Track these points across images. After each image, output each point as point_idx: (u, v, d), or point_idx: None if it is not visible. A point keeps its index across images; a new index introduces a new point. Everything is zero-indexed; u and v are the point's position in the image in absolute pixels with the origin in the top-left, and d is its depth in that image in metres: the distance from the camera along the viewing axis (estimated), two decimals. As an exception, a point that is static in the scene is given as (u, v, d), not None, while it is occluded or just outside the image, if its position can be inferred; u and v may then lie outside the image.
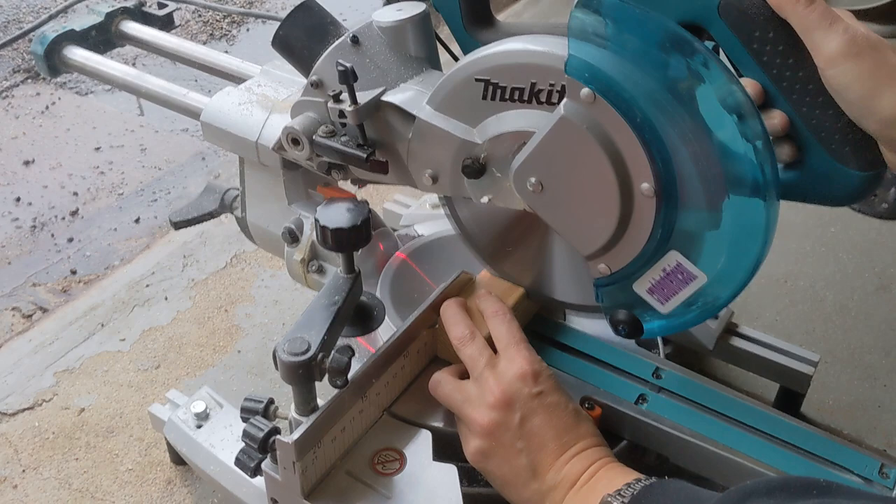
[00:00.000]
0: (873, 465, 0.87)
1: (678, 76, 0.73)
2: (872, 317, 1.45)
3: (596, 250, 0.84)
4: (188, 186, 1.91)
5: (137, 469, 1.24)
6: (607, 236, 0.82)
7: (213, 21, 2.64)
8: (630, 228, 0.81)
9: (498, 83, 0.82)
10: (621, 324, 0.88)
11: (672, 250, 0.81)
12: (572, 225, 0.84)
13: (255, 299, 1.53)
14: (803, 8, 0.73)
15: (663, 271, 0.82)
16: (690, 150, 0.75)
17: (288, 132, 0.95)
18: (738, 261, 0.79)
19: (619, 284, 0.86)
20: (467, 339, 0.89)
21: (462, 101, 0.86)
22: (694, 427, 0.90)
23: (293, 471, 0.81)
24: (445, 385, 0.89)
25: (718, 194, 0.76)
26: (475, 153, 0.87)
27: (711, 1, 0.77)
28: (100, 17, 1.36)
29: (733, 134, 0.72)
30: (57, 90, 2.28)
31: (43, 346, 1.46)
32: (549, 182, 0.82)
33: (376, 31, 0.93)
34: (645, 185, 0.77)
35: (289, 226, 1.14)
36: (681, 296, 0.83)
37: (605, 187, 0.78)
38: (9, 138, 2.10)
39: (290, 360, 0.80)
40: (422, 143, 0.90)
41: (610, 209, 0.80)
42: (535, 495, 0.81)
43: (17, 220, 1.82)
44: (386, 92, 0.90)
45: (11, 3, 2.68)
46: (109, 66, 1.30)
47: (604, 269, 0.85)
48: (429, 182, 0.93)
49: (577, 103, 0.76)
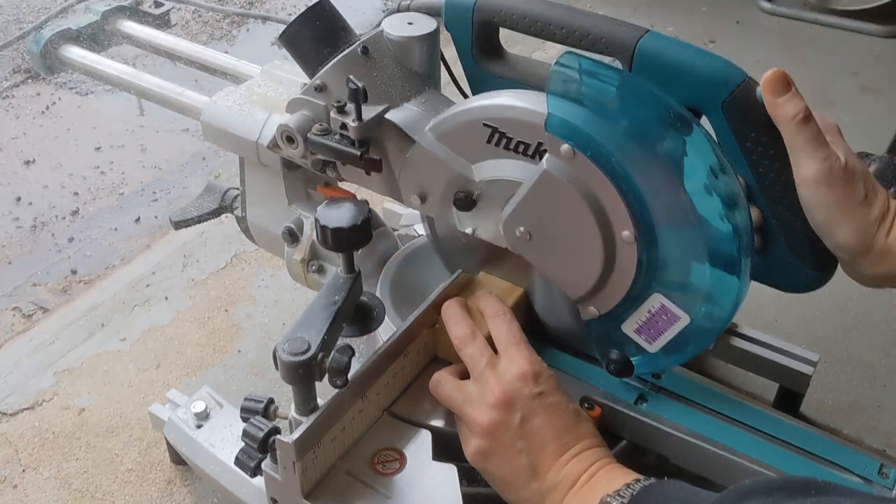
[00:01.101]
0: (873, 465, 0.87)
1: (667, 145, 0.77)
2: (872, 317, 1.45)
3: (584, 294, 0.88)
4: (188, 186, 1.91)
5: (137, 469, 1.24)
6: (593, 281, 0.86)
7: (213, 21, 2.64)
8: (614, 273, 0.85)
9: (506, 133, 0.85)
10: (613, 363, 0.91)
11: (655, 293, 0.85)
12: (560, 270, 0.89)
13: (256, 299, 1.54)
14: (796, 126, 0.78)
15: (649, 312, 0.86)
16: (669, 207, 0.79)
17: (283, 130, 0.96)
18: (712, 312, 0.84)
19: (609, 325, 0.90)
20: (468, 338, 0.89)
21: (466, 139, 0.88)
22: (693, 427, 0.90)
23: (293, 470, 0.82)
24: (446, 385, 0.89)
25: (696, 254, 0.81)
26: (469, 189, 0.90)
27: (718, 94, 0.82)
28: (96, 15, 1.36)
29: (718, 213, 0.77)
30: (57, 90, 2.28)
31: (43, 345, 1.46)
32: (537, 231, 0.87)
33: (386, 43, 0.94)
34: (625, 233, 0.81)
35: (289, 225, 1.14)
36: (666, 335, 0.87)
37: (589, 235, 0.83)
38: (9, 138, 2.10)
39: (290, 359, 0.80)
40: (417, 165, 0.92)
41: (594, 256, 0.84)
42: (534, 495, 0.81)
43: (18, 220, 1.82)
44: (389, 109, 0.91)
45: (12, 3, 2.68)
46: (106, 64, 1.30)
47: (593, 311, 0.89)
48: (416, 202, 0.95)
49: (558, 158, 0.81)
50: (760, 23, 2.43)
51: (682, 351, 0.88)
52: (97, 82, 2.19)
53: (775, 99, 0.79)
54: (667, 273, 0.84)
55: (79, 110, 2.21)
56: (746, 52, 2.15)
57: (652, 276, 0.84)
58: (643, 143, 0.78)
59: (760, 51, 2.26)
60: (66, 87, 2.29)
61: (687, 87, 0.83)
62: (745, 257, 0.79)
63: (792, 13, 2.40)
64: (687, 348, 0.88)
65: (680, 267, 0.83)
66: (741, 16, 2.45)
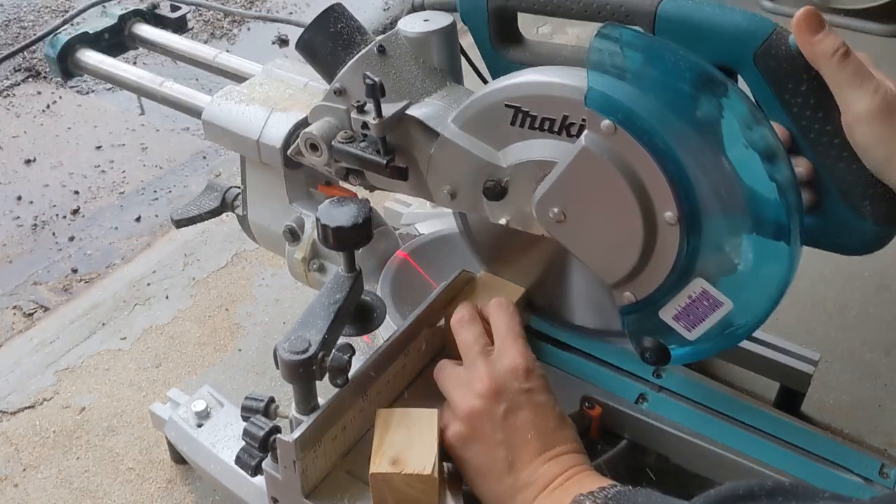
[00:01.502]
0: (873, 464, 0.87)
1: (705, 112, 0.74)
2: (873, 316, 1.45)
3: (620, 279, 0.84)
4: (189, 185, 1.91)
5: (138, 468, 1.24)
6: (631, 265, 0.82)
7: (214, 20, 2.64)
8: (654, 257, 0.81)
9: (529, 111, 0.82)
10: (648, 350, 0.87)
11: (698, 277, 0.81)
12: (596, 254, 0.84)
13: (256, 298, 1.53)
14: (837, 63, 0.74)
15: (689, 298, 0.82)
16: (713, 181, 0.75)
17: (307, 137, 0.94)
18: (760, 292, 0.79)
19: (645, 312, 0.85)
20: (465, 322, 0.89)
21: (489, 124, 0.86)
22: (694, 426, 0.90)
23: (294, 470, 0.82)
24: (443, 368, 0.89)
25: (742, 228, 0.76)
26: (498, 176, 0.87)
27: (747, 48, 0.78)
28: (113, 19, 1.36)
29: (761, 175, 0.73)
30: (58, 89, 2.28)
31: (44, 344, 1.46)
32: (572, 212, 0.82)
33: (403, 41, 0.93)
34: (668, 214, 0.77)
35: (290, 224, 1.14)
36: (707, 322, 0.83)
37: (628, 216, 0.78)
38: (10, 137, 2.10)
39: (291, 358, 0.80)
40: (444, 159, 0.90)
41: (633, 238, 0.80)
42: (506, 490, 0.80)
43: (19, 219, 1.82)
44: (410, 105, 0.90)
45: (12, 3, 2.68)
46: (123, 69, 1.30)
47: (629, 296, 0.85)
48: (447, 198, 0.92)
49: (597, 134, 0.76)
50: (761, 22, 2.43)
51: (724, 337, 0.84)
52: (97, 81, 2.19)
53: (811, 37, 0.75)
54: (710, 256, 0.79)
55: (79, 109, 2.21)
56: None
57: (694, 260, 0.80)
58: (685, 115, 0.74)
59: (761, 50, 2.25)
60: (66, 85, 2.29)
61: (715, 45, 0.79)
62: (793, 218, 0.74)
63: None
64: (730, 334, 0.83)
65: (724, 248, 0.78)
66: (742, 15, 2.45)
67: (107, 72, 1.32)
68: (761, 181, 0.73)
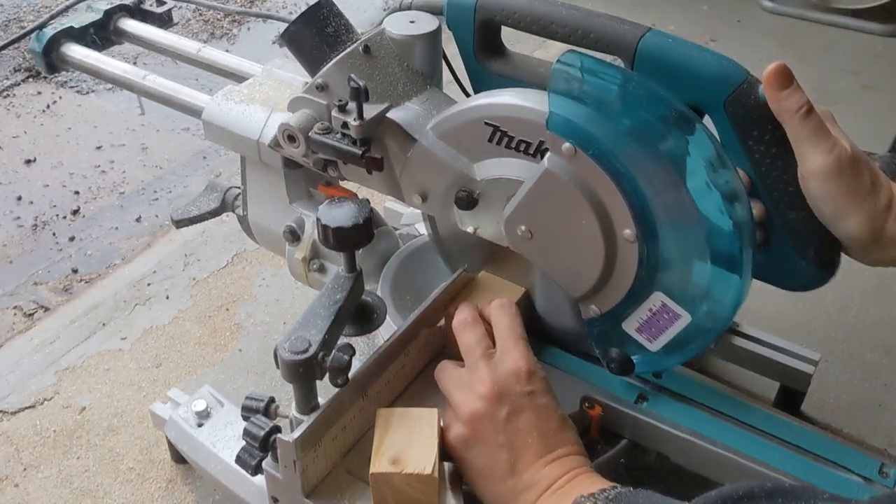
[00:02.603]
0: (873, 464, 0.87)
1: (670, 145, 0.77)
2: (873, 315, 1.45)
3: (585, 293, 0.88)
4: (189, 185, 1.91)
5: (138, 468, 1.24)
6: (594, 280, 0.86)
7: (214, 20, 2.64)
8: (616, 272, 0.85)
9: (507, 132, 0.85)
10: (613, 361, 0.91)
11: (657, 291, 0.85)
12: (561, 269, 0.88)
13: (257, 298, 1.54)
14: (799, 119, 0.79)
15: (650, 311, 0.86)
16: (670, 207, 0.79)
17: (284, 129, 0.96)
18: (715, 309, 0.83)
19: (610, 324, 0.89)
20: (467, 324, 0.89)
21: (467, 138, 0.88)
22: (694, 426, 0.90)
23: (294, 469, 0.82)
24: (444, 369, 0.89)
25: (697, 253, 0.80)
26: (471, 187, 0.90)
27: (719, 93, 0.82)
28: (98, 14, 1.36)
29: (719, 210, 0.77)
30: (58, 89, 2.28)
31: (44, 344, 1.46)
32: (538, 230, 0.87)
33: (388, 42, 0.94)
34: (627, 232, 0.81)
35: (290, 224, 1.15)
36: (668, 334, 0.87)
37: (590, 234, 0.83)
38: (10, 137, 2.10)
39: (291, 358, 0.80)
40: (419, 164, 0.92)
41: (595, 255, 0.84)
42: (508, 493, 0.80)
43: (19, 219, 1.82)
44: (391, 108, 0.91)
45: (12, 2, 2.68)
46: (108, 63, 1.30)
47: (594, 310, 0.89)
48: (417, 200, 0.95)
49: (559, 157, 0.80)
50: (762, 21, 2.43)
51: (684, 350, 0.88)
52: (98, 81, 2.19)
53: (778, 93, 0.79)
54: (668, 272, 0.83)
55: (79, 109, 2.21)
56: (748, 50, 2.15)
57: (653, 275, 0.84)
58: (645, 142, 0.78)
59: (762, 50, 2.25)
60: (66, 85, 2.29)
61: (689, 85, 0.82)
62: (746, 254, 0.79)
63: (793, 12, 2.39)
64: (688, 347, 0.87)
65: (681, 265, 0.82)
66: (742, 14, 2.45)
67: (91, 66, 1.32)
68: (719, 216, 0.77)
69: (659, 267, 0.83)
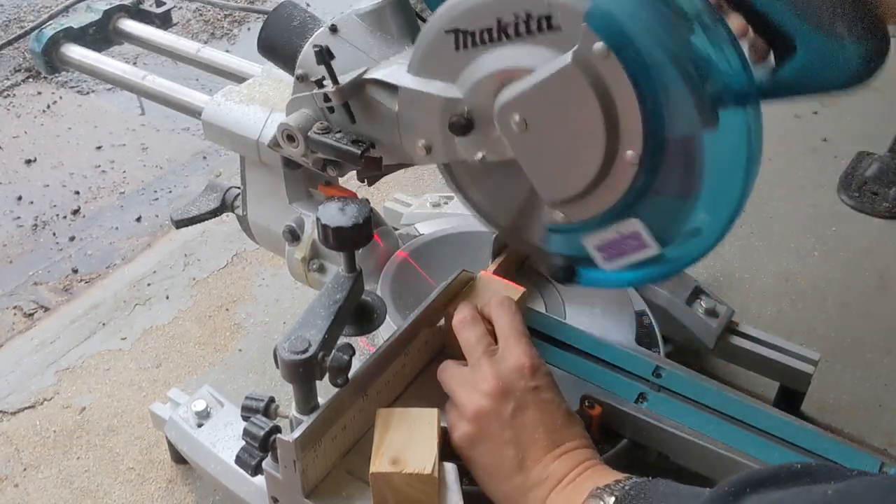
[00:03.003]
0: (873, 464, 0.87)
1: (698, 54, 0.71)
2: (873, 315, 1.45)
3: (558, 201, 0.83)
4: (189, 185, 1.91)
5: (138, 468, 1.24)
6: (576, 191, 0.81)
7: (214, 20, 2.64)
8: (601, 189, 0.79)
9: (466, 30, 0.80)
10: (558, 269, 0.88)
11: (635, 219, 0.80)
12: (544, 171, 0.82)
13: (257, 298, 1.54)
14: None
15: (618, 233, 0.82)
16: (682, 138, 0.74)
17: (283, 128, 0.96)
18: (689, 252, 0.80)
19: (571, 234, 0.85)
20: (468, 322, 0.89)
21: (437, 58, 0.84)
22: (694, 426, 0.90)
23: (294, 469, 0.82)
24: (447, 368, 0.89)
25: (691, 196, 0.76)
26: (460, 109, 0.85)
27: None
28: (97, 14, 1.36)
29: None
30: (58, 89, 2.28)
31: (44, 344, 1.46)
32: (535, 124, 0.80)
33: (356, 20, 0.94)
34: (630, 153, 0.75)
35: (290, 224, 1.15)
36: (627, 259, 0.83)
37: (591, 145, 0.76)
38: (10, 137, 2.10)
39: (291, 358, 0.80)
40: (408, 111, 0.90)
41: (588, 167, 0.78)
42: (516, 490, 0.80)
43: (19, 219, 1.82)
44: (368, 70, 0.90)
45: (12, 3, 2.68)
46: (107, 63, 1.30)
47: (560, 217, 0.84)
48: (423, 153, 0.91)
49: (587, 55, 0.72)
50: (761, 22, 2.43)
51: (636, 274, 0.84)
52: (98, 81, 2.19)
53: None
54: (654, 204, 0.78)
55: (80, 109, 2.21)
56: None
57: (637, 202, 0.79)
58: (683, 64, 0.70)
59: (761, 50, 2.25)
60: (66, 85, 2.29)
61: None
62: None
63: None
64: (643, 273, 0.84)
65: (671, 203, 0.78)
66: (742, 15, 2.45)
67: (90, 66, 1.32)
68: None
69: (647, 196, 0.78)
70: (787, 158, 1.84)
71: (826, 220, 1.67)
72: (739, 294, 1.49)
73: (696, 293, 1.22)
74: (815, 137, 1.91)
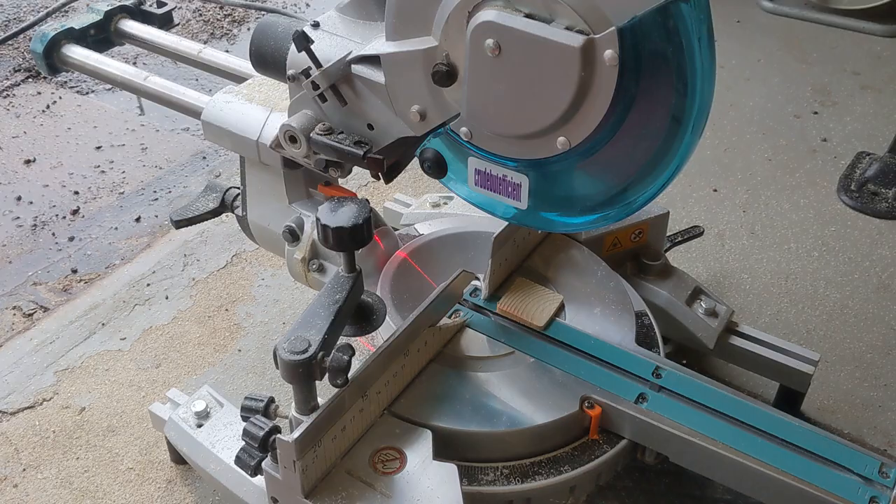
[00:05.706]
0: (873, 464, 0.87)
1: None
2: (873, 316, 1.45)
3: (509, 133, 0.87)
4: (189, 185, 1.91)
5: (138, 468, 1.24)
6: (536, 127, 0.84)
7: (214, 20, 2.64)
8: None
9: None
10: (428, 161, 0.92)
11: (525, 175, 0.87)
12: (496, 102, 0.85)
13: (256, 298, 1.53)
14: None
15: (504, 175, 0.89)
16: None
17: (286, 130, 0.96)
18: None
19: (459, 145, 0.90)
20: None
21: (407, 16, 0.86)
22: (694, 426, 0.90)
23: (293, 470, 0.82)
24: None
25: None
26: (439, 56, 0.86)
27: None
28: (99, 15, 1.36)
29: None
30: (58, 89, 2.28)
31: (43, 344, 1.46)
32: (509, 55, 0.82)
33: (336, 14, 0.95)
34: (561, 138, 0.81)
35: (289, 225, 1.14)
36: (490, 195, 0.90)
37: (555, 100, 0.81)
38: (9, 137, 2.10)
39: (291, 358, 0.80)
40: (395, 78, 0.91)
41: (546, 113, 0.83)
42: None
43: (18, 219, 1.82)
44: (352, 53, 0.92)
45: (12, 3, 2.68)
46: (108, 64, 1.30)
47: (465, 132, 0.89)
48: (418, 119, 0.92)
49: (595, 52, 0.77)
50: (762, 22, 2.42)
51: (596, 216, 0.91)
52: (97, 81, 2.19)
53: None
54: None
55: (79, 109, 2.21)
56: (748, 51, 2.15)
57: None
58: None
59: (762, 50, 2.25)
60: (66, 86, 2.29)
61: None
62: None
63: (793, 12, 2.39)
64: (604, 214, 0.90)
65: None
66: (742, 15, 2.45)
67: (92, 67, 1.32)
68: None
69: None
70: (787, 158, 1.84)
71: (826, 220, 1.67)
72: (739, 294, 1.49)
73: (696, 293, 1.22)
74: (815, 137, 1.91)
